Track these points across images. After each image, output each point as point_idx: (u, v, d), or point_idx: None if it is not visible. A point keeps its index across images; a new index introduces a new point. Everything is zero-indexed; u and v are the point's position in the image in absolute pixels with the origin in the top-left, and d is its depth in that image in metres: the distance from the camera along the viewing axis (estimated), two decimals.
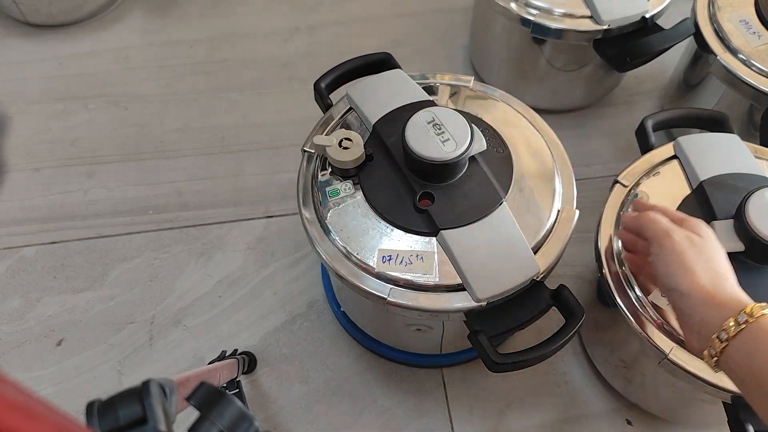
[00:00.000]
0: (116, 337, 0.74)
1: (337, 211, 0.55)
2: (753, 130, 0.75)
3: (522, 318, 0.52)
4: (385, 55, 0.66)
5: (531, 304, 0.52)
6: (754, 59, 0.71)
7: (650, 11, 0.76)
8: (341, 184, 0.56)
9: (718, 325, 0.41)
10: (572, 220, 0.56)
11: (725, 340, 0.40)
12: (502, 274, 0.51)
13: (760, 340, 0.39)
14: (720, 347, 0.40)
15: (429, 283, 0.52)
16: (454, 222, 0.53)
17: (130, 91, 0.95)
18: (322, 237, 0.55)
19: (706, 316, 0.42)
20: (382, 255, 0.53)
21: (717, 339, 0.41)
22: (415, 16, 1.04)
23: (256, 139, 0.90)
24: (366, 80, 0.63)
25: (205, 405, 0.32)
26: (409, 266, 0.52)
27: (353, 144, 0.55)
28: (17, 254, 0.80)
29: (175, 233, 0.81)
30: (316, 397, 0.70)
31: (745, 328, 0.40)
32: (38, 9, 0.98)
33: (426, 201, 0.54)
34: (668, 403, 0.64)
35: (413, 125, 0.54)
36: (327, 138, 0.56)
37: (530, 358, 0.51)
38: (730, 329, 0.40)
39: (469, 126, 0.54)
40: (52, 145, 0.89)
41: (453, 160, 0.52)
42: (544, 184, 0.57)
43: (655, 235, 0.47)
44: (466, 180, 0.55)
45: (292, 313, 0.75)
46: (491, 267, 0.51)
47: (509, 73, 0.89)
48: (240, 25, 1.03)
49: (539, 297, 0.52)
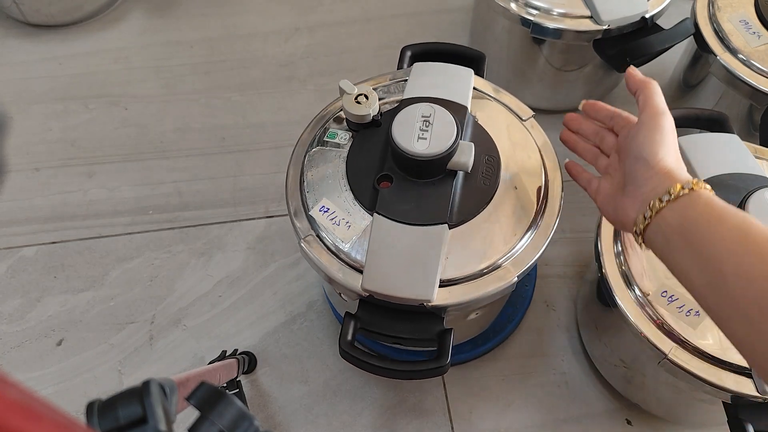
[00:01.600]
0: (116, 337, 0.74)
1: (322, 150, 0.58)
2: (753, 130, 0.75)
3: (398, 332, 0.52)
4: (479, 54, 0.66)
5: (416, 326, 0.52)
6: (753, 59, 0.71)
7: (650, 11, 0.76)
8: (343, 132, 0.59)
9: (666, 189, 0.42)
10: (504, 281, 0.52)
11: (666, 201, 0.42)
12: (397, 281, 0.51)
13: (698, 205, 0.41)
14: (658, 207, 0.42)
15: (339, 248, 0.53)
16: (391, 213, 0.53)
17: (130, 91, 0.95)
18: (297, 160, 0.58)
19: (658, 185, 0.43)
20: (323, 205, 0.55)
21: (658, 200, 0.42)
22: (415, 16, 1.04)
23: (256, 139, 0.90)
24: (437, 65, 0.63)
25: (205, 405, 0.32)
26: (335, 226, 0.53)
27: (367, 103, 0.56)
28: (17, 254, 0.80)
29: (175, 233, 0.82)
30: (316, 397, 0.70)
31: (688, 194, 0.42)
32: (38, 9, 0.98)
33: (386, 183, 0.54)
34: (668, 403, 0.64)
35: (409, 110, 0.55)
36: (351, 86, 0.57)
37: (376, 366, 0.51)
38: (674, 191, 0.42)
39: (454, 139, 0.53)
40: (52, 145, 0.89)
41: (416, 157, 0.52)
42: (504, 239, 0.54)
43: (658, 108, 0.48)
44: (430, 185, 0.54)
45: (292, 313, 0.75)
46: (392, 267, 0.51)
47: (509, 74, 0.89)
48: (240, 25, 1.03)
49: (427, 326, 0.52)
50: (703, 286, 0.39)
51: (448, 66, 0.63)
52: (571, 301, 0.76)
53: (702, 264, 0.39)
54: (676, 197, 0.42)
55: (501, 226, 0.54)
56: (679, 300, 0.54)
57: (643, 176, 0.45)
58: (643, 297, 0.55)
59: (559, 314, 0.75)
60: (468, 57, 0.66)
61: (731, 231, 0.39)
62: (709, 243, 0.39)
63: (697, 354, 0.52)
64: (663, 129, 0.46)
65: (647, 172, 0.45)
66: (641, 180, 0.45)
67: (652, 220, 0.42)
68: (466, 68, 0.63)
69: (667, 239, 0.42)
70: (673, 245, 0.41)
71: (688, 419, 0.68)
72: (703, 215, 0.40)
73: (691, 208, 0.41)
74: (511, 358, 0.72)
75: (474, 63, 0.66)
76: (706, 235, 0.40)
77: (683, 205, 0.41)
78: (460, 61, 0.65)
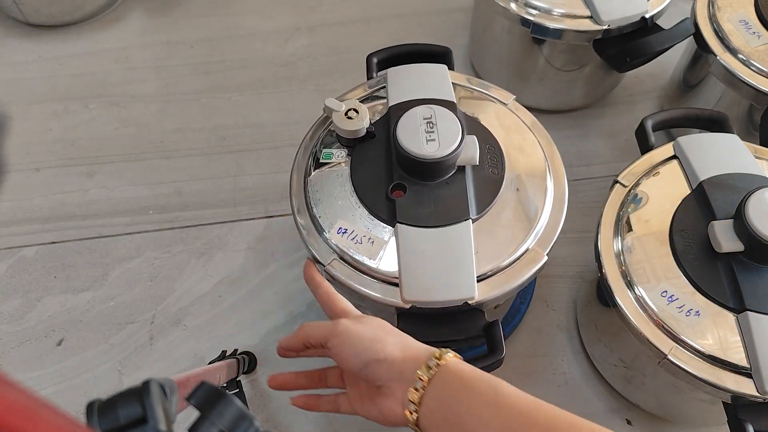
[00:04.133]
0: (116, 337, 0.74)
1: (321, 172, 0.57)
2: (753, 130, 0.75)
3: (445, 336, 0.51)
4: (445, 49, 0.66)
5: (460, 326, 0.52)
6: (753, 59, 0.71)
7: (650, 11, 0.76)
8: (338, 150, 0.58)
9: (414, 376, 0.41)
10: (536, 263, 0.53)
11: (421, 388, 0.40)
12: (436, 286, 0.51)
13: (449, 383, 0.40)
14: (417, 397, 0.40)
15: (369, 266, 0.52)
16: (414, 220, 0.53)
17: (130, 91, 0.95)
18: (298, 188, 0.57)
19: (405, 371, 0.41)
20: (340, 226, 0.54)
21: (414, 389, 0.40)
22: (415, 16, 1.04)
23: (256, 139, 0.90)
24: (409, 67, 0.63)
25: (205, 405, 0.32)
26: (358, 245, 0.53)
27: (358, 117, 0.56)
28: (17, 254, 0.80)
29: (175, 233, 0.81)
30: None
31: (437, 373, 0.40)
32: (38, 9, 0.98)
33: (399, 192, 0.54)
34: (668, 403, 0.64)
35: (410, 116, 0.54)
36: (337, 103, 0.57)
37: None
38: (423, 375, 0.40)
39: (461, 136, 0.53)
40: (52, 145, 0.89)
41: (429, 160, 0.52)
42: (525, 220, 0.55)
43: (327, 331, 0.45)
44: (443, 186, 0.54)
45: (292, 313, 0.75)
46: (429, 275, 0.51)
47: (509, 73, 0.90)
48: (240, 25, 1.03)
49: (471, 323, 0.52)
50: None
51: (421, 66, 0.64)
52: (571, 301, 0.76)
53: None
54: (429, 380, 0.40)
55: (519, 209, 0.55)
56: (679, 300, 0.54)
57: (384, 369, 0.42)
58: (643, 297, 0.55)
59: (559, 314, 0.75)
60: (435, 54, 0.66)
61: (481, 397, 0.39)
62: (464, 416, 0.39)
63: (697, 354, 0.52)
64: (351, 333, 0.44)
65: (384, 365, 0.42)
66: (386, 374, 0.42)
67: (420, 413, 0.40)
68: (438, 65, 0.63)
69: (437, 426, 0.40)
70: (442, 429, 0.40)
71: (688, 419, 0.68)
72: (454, 390, 0.40)
73: (442, 385, 0.40)
74: (511, 358, 0.72)
75: (442, 58, 0.66)
76: (460, 410, 0.39)
77: (437, 389, 0.40)
78: (428, 59, 0.65)
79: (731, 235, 0.54)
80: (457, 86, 0.64)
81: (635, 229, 0.59)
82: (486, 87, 0.65)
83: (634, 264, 0.57)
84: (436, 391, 0.40)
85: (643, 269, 0.56)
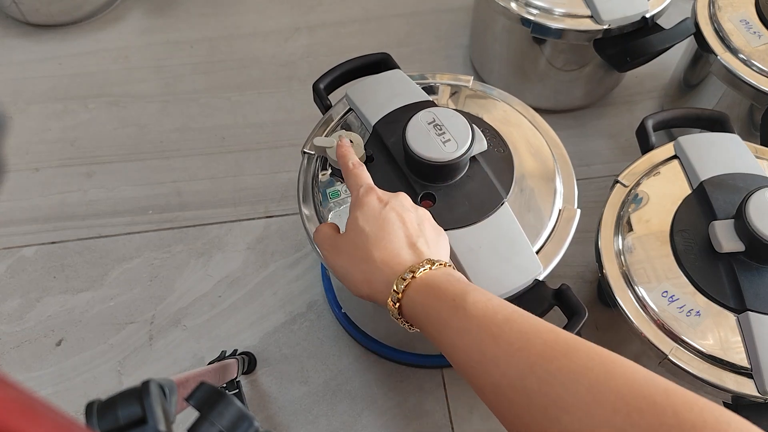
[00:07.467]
0: (116, 337, 0.73)
1: (338, 212, 0.55)
2: (753, 130, 0.75)
3: None
4: (384, 56, 0.66)
5: (533, 303, 0.52)
6: (754, 59, 0.71)
7: (650, 11, 0.76)
8: (342, 185, 0.56)
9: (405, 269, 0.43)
10: (574, 220, 0.55)
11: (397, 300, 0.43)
12: (505, 275, 0.51)
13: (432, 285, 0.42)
14: (402, 285, 0.42)
15: None
16: (456, 223, 0.53)
17: (130, 91, 0.95)
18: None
19: (378, 297, 0.44)
20: None
21: (401, 278, 0.43)
22: (415, 16, 1.04)
23: (256, 139, 0.90)
24: (365, 81, 0.63)
25: (205, 405, 0.32)
26: None
27: (354, 145, 0.55)
28: (17, 254, 0.80)
29: (175, 233, 0.81)
30: (316, 397, 0.70)
31: (409, 285, 0.42)
32: (38, 9, 0.98)
33: (428, 202, 0.54)
34: None
35: (414, 126, 0.54)
36: (327, 139, 0.56)
37: None
38: (415, 269, 0.43)
39: (469, 126, 0.54)
40: (51, 145, 0.89)
41: (454, 161, 0.52)
42: (546, 184, 0.57)
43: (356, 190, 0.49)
44: (467, 180, 0.55)
45: (292, 314, 0.75)
46: (493, 267, 0.51)
47: (509, 73, 0.89)
48: (240, 25, 1.03)
49: (541, 297, 0.52)
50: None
51: (377, 76, 0.63)
52: None
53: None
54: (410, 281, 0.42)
55: (538, 175, 0.57)
56: (680, 300, 0.54)
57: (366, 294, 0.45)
58: (644, 297, 0.55)
59: (559, 314, 0.75)
60: (376, 63, 0.66)
61: (447, 302, 0.41)
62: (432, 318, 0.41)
63: (697, 354, 0.52)
64: (330, 265, 0.48)
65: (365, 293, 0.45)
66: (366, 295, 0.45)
67: (402, 300, 0.43)
68: (394, 71, 0.63)
69: (416, 316, 0.43)
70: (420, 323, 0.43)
71: None
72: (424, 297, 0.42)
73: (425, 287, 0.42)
74: None
75: (384, 65, 0.65)
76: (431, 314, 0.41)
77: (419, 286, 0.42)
78: (371, 70, 0.65)
79: (732, 235, 0.54)
80: (420, 85, 0.63)
81: (636, 229, 0.59)
82: (442, 78, 0.65)
83: (634, 264, 0.57)
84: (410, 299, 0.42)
85: (643, 269, 0.56)
